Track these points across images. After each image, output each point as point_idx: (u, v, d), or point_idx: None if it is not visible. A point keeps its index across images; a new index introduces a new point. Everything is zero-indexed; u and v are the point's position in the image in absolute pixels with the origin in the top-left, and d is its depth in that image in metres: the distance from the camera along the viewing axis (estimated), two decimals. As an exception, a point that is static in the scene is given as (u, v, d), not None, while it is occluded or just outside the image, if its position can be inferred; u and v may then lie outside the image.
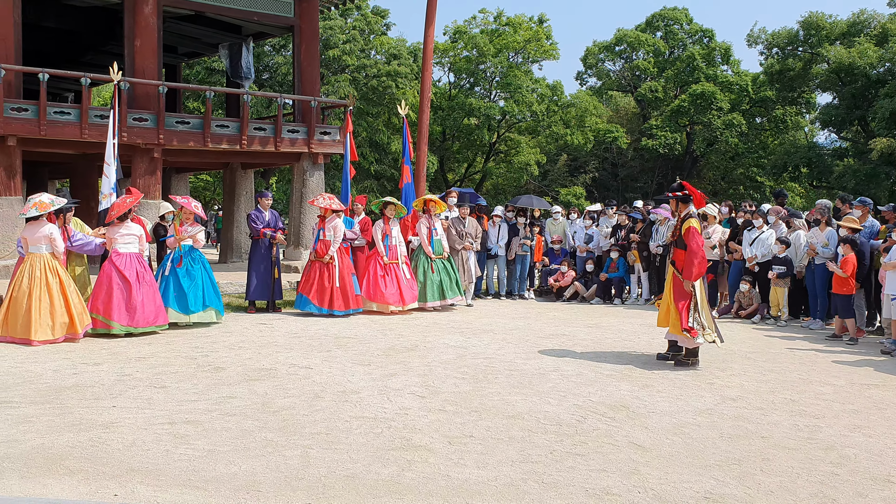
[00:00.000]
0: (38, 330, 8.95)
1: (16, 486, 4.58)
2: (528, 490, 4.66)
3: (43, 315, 9.00)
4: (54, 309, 9.08)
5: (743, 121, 38.15)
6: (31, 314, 8.96)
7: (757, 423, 6.16)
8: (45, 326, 9.00)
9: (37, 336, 8.93)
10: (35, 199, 9.36)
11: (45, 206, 9.27)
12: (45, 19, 18.13)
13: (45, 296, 9.08)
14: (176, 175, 21.28)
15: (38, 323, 8.96)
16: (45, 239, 9.27)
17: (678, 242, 8.40)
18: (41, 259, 9.24)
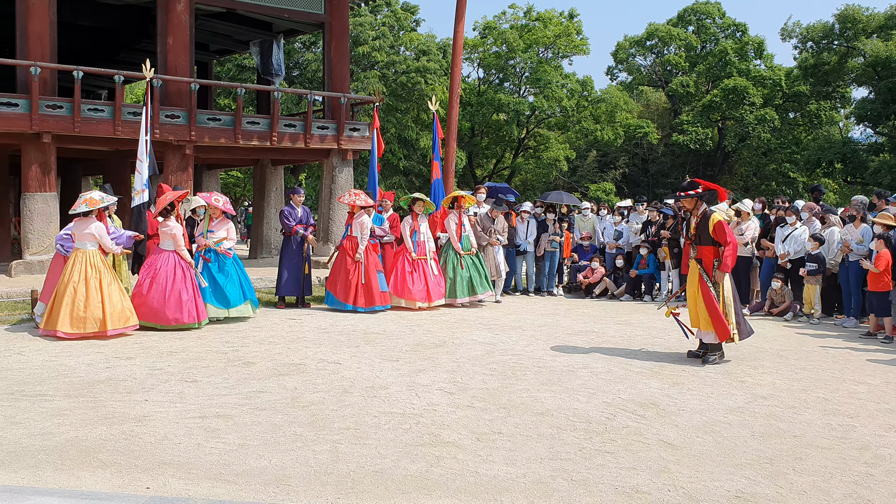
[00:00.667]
0: (66, 322, 9.04)
1: (50, 478, 4.66)
2: (557, 487, 4.65)
3: (76, 308, 9.10)
4: (88, 304, 9.16)
5: (776, 116, 37.64)
6: (62, 307, 9.08)
7: (789, 422, 6.09)
8: (77, 319, 9.09)
9: (62, 328, 9.03)
10: (86, 196, 9.54)
11: (94, 202, 9.42)
12: (79, 18, 18.37)
13: (81, 289, 9.19)
14: (207, 171, 21.47)
15: (65, 316, 9.05)
16: (91, 236, 9.42)
17: (702, 239, 8.27)
18: (86, 255, 9.39)
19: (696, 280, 8.34)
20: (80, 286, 9.19)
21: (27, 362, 7.80)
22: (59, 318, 9.06)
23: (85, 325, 9.08)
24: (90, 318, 9.13)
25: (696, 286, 8.33)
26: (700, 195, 8.35)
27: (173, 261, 9.99)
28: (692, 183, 8.44)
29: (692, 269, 8.42)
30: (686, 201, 8.45)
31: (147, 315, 9.76)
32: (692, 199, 8.39)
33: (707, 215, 8.29)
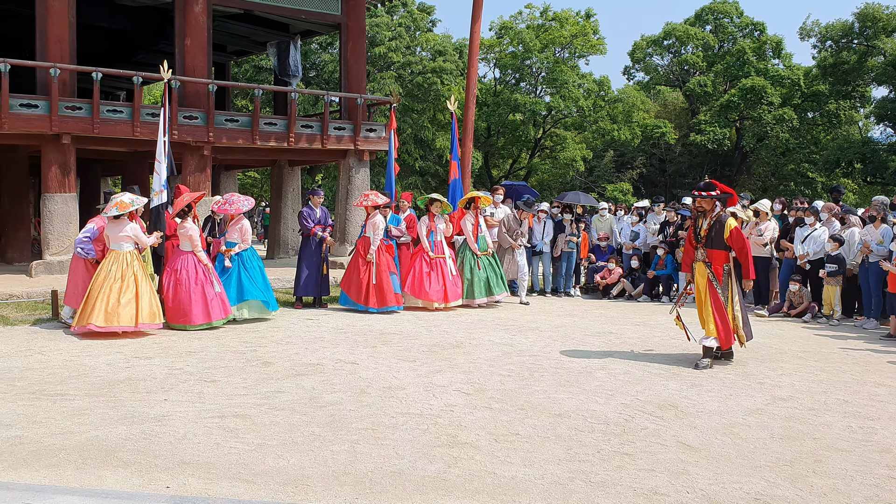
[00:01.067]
0: (100, 317, 9.20)
1: (72, 477, 4.70)
2: (575, 489, 4.64)
3: (111, 303, 9.28)
4: (121, 300, 9.35)
5: (794, 115, 37.38)
6: (96, 302, 9.25)
7: (809, 424, 6.05)
8: (110, 314, 9.25)
9: (96, 321, 9.17)
10: (116, 198, 9.72)
11: (125, 206, 9.60)
12: (98, 19, 18.51)
13: (115, 286, 9.38)
14: (225, 172, 21.57)
15: (99, 311, 9.21)
16: (127, 237, 9.62)
17: (714, 243, 8.12)
18: (122, 255, 9.57)
19: (705, 283, 8.19)
20: (115, 284, 9.37)
21: (48, 362, 7.87)
22: (92, 313, 9.21)
23: (118, 320, 9.25)
24: (123, 314, 9.28)
25: (704, 289, 8.19)
26: (718, 197, 8.24)
27: (193, 261, 10.09)
28: (710, 184, 8.29)
29: (699, 271, 8.26)
30: (705, 202, 8.30)
31: (176, 317, 9.92)
32: (710, 201, 8.27)
33: (722, 219, 8.15)
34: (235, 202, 10.69)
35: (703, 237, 8.20)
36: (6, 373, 7.33)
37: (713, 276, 8.11)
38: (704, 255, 8.21)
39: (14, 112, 13.91)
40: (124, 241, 9.60)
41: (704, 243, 8.19)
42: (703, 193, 8.22)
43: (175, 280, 9.98)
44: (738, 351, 9.06)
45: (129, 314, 9.30)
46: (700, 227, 8.28)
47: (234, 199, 10.79)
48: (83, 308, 9.40)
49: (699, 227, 8.29)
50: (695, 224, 8.40)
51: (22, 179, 17.93)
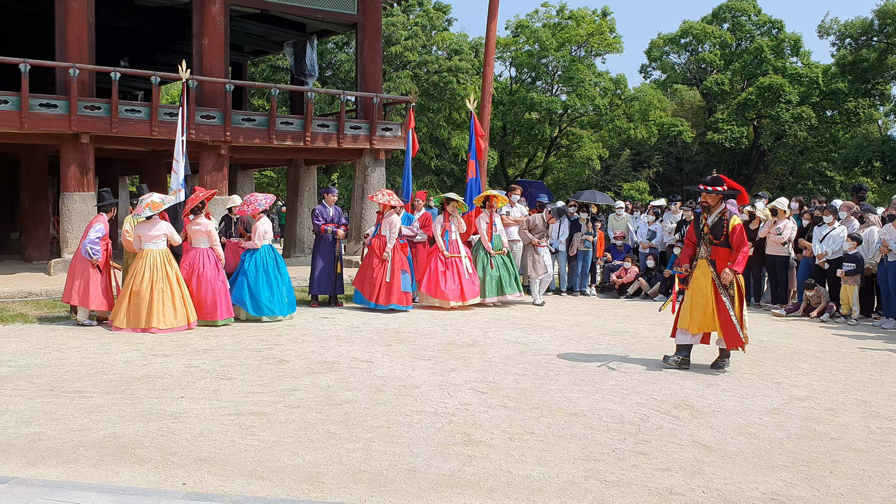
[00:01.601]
0: (161, 319, 9.56)
1: (89, 473, 4.74)
2: (590, 488, 4.63)
3: (166, 305, 9.61)
4: (175, 299, 9.68)
5: (813, 114, 37.10)
6: (153, 305, 9.54)
7: (826, 424, 6.01)
8: (169, 315, 9.62)
9: (159, 325, 9.53)
10: (146, 199, 9.96)
11: (157, 205, 9.88)
12: (116, 19, 18.65)
13: (166, 287, 9.68)
14: (241, 171, 21.68)
15: (160, 313, 9.55)
16: (163, 236, 9.88)
17: (719, 240, 7.79)
18: (159, 254, 9.82)
19: (709, 283, 7.80)
20: (165, 285, 9.66)
21: (66, 359, 7.94)
22: (151, 315, 9.52)
23: (177, 319, 9.65)
24: (179, 314, 9.68)
25: (709, 289, 7.80)
26: (725, 193, 7.84)
27: (213, 258, 10.21)
28: (717, 178, 7.88)
29: (703, 269, 7.88)
30: (710, 197, 7.87)
31: (202, 313, 10.08)
32: (716, 196, 7.87)
33: (728, 216, 7.83)
34: (253, 202, 10.76)
35: (707, 233, 7.88)
36: (25, 370, 7.41)
37: (717, 277, 7.79)
38: (709, 252, 7.88)
39: (34, 112, 14.04)
40: (159, 239, 9.86)
41: (710, 240, 7.86)
42: (708, 188, 7.87)
43: (198, 277, 10.08)
44: (755, 351, 9.02)
45: (171, 314, 9.65)
46: (703, 222, 7.96)
47: (252, 198, 10.86)
48: (126, 310, 9.58)
49: (702, 223, 7.97)
50: (697, 220, 8.10)
51: (41, 178, 18.10)
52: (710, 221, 7.90)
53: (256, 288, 10.53)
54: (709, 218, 7.93)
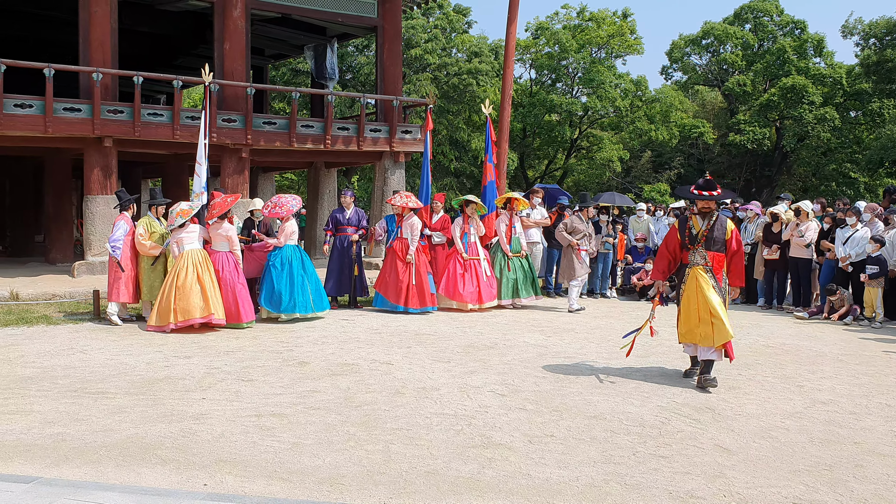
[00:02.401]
0: (218, 309, 9.90)
1: (112, 474, 4.78)
2: (611, 491, 4.61)
3: (218, 297, 9.96)
4: (206, 297, 9.90)
5: (836, 115, 36.74)
6: (207, 297, 9.85)
7: (849, 428, 5.94)
8: (221, 308, 9.95)
9: (217, 314, 9.87)
10: (176, 209, 10.28)
11: (186, 212, 10.21)
12: (139, 24, 18.82)
13: (211, 282, 9.99)
14: (262, 174, 21.80)
15: (215, 303, 9.87)
16: (199, 237, 10.24)
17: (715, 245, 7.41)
18: (199, 253, 10.15)
19: (708, 288, 7.36)
20: (211, 280, 9.97)
21: (89, 361, 8.02)
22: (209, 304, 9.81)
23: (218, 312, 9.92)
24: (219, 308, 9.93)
25: (702, 295, 7.34)
26: (718, 198, 7.48)
27: (232, 261, 10.29)
28: (711, 182, 7.49)
29: (697, 276, 7.41)
30: (711, 202, 7.50)
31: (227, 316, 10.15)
32: (714, 202, 7.52)
33: (722, 219, 7.50)
34: (284, 204, 10.91)
35: (703, 239, 7.43)
36: (49, 371, 7.49)
37: (715, 281, 7.38)
38: (705, 257, 7.45)
39: (58, 116, 14.20)
40: (195, 240, 10.18)
41: (704, 245, 7.42)
42: (702, 193, 7.47)
43: (219, 280, 10.17)
44: (777, 354, 8.95)
45: (221, 308, 9.95)
46: (696, 228, 7.50)
47: (282, 200, 10.96)
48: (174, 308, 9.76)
49: (697, 229, 7.49)
50: (682, 226, 7.62)
51: (65, 181, 18.30)
52: (706, 226, 7.46)
53: (278, 286, 10.63)
54: (703, 223, 7.48)
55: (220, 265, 10.26)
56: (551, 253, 14.56)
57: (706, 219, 7.50)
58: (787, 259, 12.87)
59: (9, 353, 8.35)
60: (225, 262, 10.29)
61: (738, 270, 7.55)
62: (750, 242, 13.47)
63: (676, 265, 7.75)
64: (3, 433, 5.51)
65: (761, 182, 39.76)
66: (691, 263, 7.51)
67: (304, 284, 10.77)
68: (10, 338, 9.28)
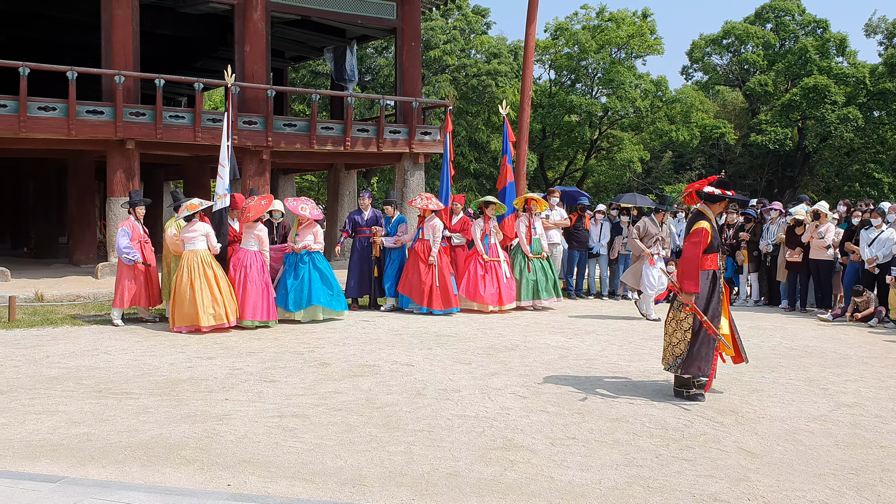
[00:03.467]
0: (205, 317, 9.77)
1: (136, 474, 4.82)
2: (633, 494, 4.59)
3: (207, 304, 9.82)
4: (215, 299, 9.89)
5: (859, 114, 36.37)
6: (196, 303, 9.76)
7: (875, 432, 5.88)
8: (210, 315, 9.82)
9: (205, 322, 9.76)
10: (186, 202, 10.34)
11: (194, 206, 10.20)
12: (160, 27, 18.99)
13: (205, 287, 9.89)
14: (283, 176, 21.92)
15: (204, 311, 9.77)
16: (202, 237, 10.15)
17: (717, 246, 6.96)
18: (198, 254, 10.06)
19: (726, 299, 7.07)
20: (204, 285, 9.88)
21: (113, 361, 8.09)
22: (197, 314, 9.75)
23: (217, 318, 9.86)
24: (218, 313, 9.87)
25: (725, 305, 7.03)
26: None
27: (260, 259, 10.43)
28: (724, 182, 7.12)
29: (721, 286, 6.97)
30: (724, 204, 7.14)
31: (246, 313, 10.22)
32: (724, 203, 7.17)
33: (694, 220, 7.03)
34: (311, 208, 11.05)
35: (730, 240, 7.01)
36: (74, 372, 7.56)
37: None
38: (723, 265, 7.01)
39: (81, 118, 14.35)
40: (197, 240, 10.11)
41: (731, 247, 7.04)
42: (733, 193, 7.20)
43: (245, 276, 10.25)
44: (801, 356, 8.88)
45: (211, 314, 9.84)
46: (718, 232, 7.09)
47: (307, 204, 11.13)
48: (179, 308, 9.85)
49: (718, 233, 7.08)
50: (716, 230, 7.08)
51: (88, 184, 18.48)
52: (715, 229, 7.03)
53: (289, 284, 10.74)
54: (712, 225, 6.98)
55: (248, 262, 10.33)
56: (571, 254, 14.52)
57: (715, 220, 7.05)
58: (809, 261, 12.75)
59: (34, 353, 8.44)
60: (253, 261, 10.36)
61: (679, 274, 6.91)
62: (772, 243, 13.37)
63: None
64: (29, 433, 5.57)
65: (783, 183, 39.44)
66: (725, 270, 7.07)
67: (315, 282, 10.81)
68: (36, 339, 9.38)
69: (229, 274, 10.39)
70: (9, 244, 22.73)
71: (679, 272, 6.89)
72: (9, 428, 5.68)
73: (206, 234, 10.18)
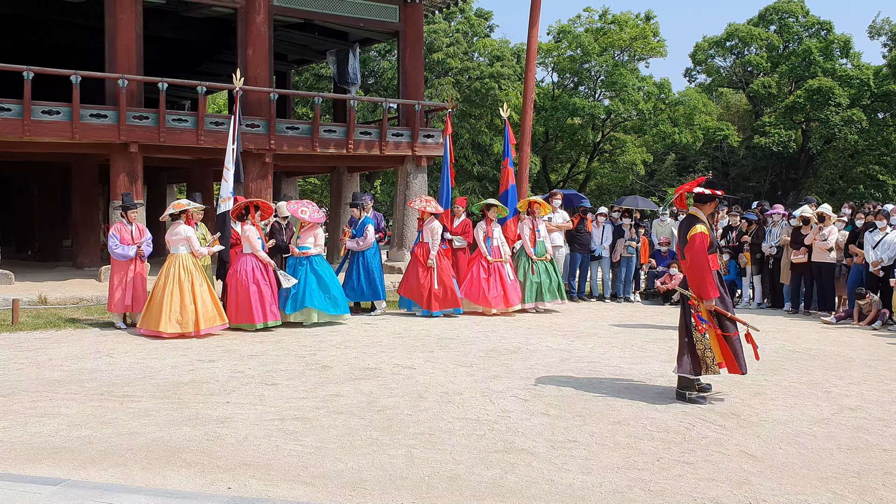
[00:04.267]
0: (168, 323, 9.61)
1: (137, 476, 4.82)
2: (634, 498, 4.58)
3: (173, 310, 9.66)
4: (184, 306, 9.72)
5: (864, 116, 36.30)
6: (161, 308, 9.66)
7: (878, 435, 5.86)
8: (174, 321, 9.65)
9: (165, 329, 9.60)
10: (175, 202, 10.28)
11: (180, 205, 10.16)
12: (163, 31, 19.03)
13: (176, 292, 9.75)
14: (286, 179, 21.93)
15: (167, 317, 9.63)
16: (183, 240, 10.03)
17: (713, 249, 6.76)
18: (178, 259, 9.98)
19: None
20: (174, 289, 9.75)
21: (115, 364, 8.10)
22: (160, 319, 9.62)
23: (183, 325, 9.67)
24: (186, 319, 9.68)
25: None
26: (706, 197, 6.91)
27: (252, 263, 10.43)
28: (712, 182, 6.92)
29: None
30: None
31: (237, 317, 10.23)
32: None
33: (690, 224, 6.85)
34: (311, 211, 11.04)
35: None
36: (76, 374, 7.57)
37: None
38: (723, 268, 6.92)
39: (84, 122, 14.38)
40: (180, 243, 10.01)
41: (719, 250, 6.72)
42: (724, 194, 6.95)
43: (235, 281, 10.28)
44: (804, 359, 8.86)
45: (192, 319, 9.69)
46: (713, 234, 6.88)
47: (308, 207, 11.11)
48: (148, 311, 9.81)
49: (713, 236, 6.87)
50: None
51: (92, 187, 18.52)
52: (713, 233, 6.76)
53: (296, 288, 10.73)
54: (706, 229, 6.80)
55: (239, 266, 10.33)
56: (573, 257, 14.51)
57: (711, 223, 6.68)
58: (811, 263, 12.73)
59: (37, 356, 8.45)
60: (245, 264, 10.34)
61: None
62: (775, 245, 13.35)
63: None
64: (31, 435, 5.57)
65: (787, 185, 39.37)
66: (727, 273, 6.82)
67: (311, 284, 10.80)
68: (39, 341, 9.40)
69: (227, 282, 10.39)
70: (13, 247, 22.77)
71: (695, 282, 6.74)
72: (10, 430, 5.69)
73: (186, 238, 10.03)
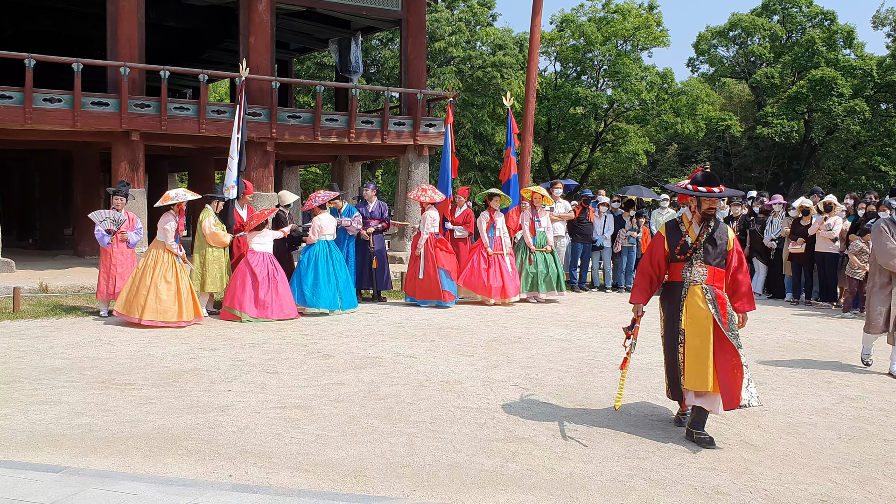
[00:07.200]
0: (147, 311, 9.53)
1: (139, 464, 4.83)
2: (635, 486, 4.59)
3: (151, 298, 9.57)
4: (159, 297, 9.61)
5: (866, 107, 36.18)
6: (140, 295, 9.59)
7: (879, 425, 5.86)
8: (153, 310, 9.56)
9: (144, 316, 9.52)
10: (165, 194, 10.17)
11: (167, 198, 10.02)
12: (165, 19, 18.98)
13: (161, 282, 9.67)
14: (287, 168, 21.90)
15: (147, 304, 9.54)
16: (164, 230, 9.93)
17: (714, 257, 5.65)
18: (161, 246, 9.89)
19: (708, 320, 5.54)
20: (160, 279, 9.66)
21: (117, 352, 8.10)
22: (145, 308, 9.52)
23: (165, 315, 9.58)
24: (168, 310, 9.60)
25: (708, 329, 5.52)
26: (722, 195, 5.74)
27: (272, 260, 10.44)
28: (714, 176, 5.73)
29: (699, 298, 5.60)
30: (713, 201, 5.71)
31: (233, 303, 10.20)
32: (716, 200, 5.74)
33: (723, 225, 5.78)
34: (311, 196, 11.03)
35: (700, 250, 5.67)
36: (77, 362, 7.58)
37: (717, 312, 5.55)
38: (704, 274, 5.64)
39: (86, 110, 14.35)
40: (170, 236, 9.90)
41: (703, 257, 5.65)
42: (714, 190, 5.65)
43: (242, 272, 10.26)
44: (805, 349, 8.85)
45: (154, 309, 9.56)
46: (692, 235, 5.70)
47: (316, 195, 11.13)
48: (128, 297, 9.71)
49: (692, 237, 5.70)
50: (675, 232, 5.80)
51: (93, 175, 18.50)
52: (703, 234, 5.66)
53: (304, 281, 10.73)
54: (699, 227, 5.71)
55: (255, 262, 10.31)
56: (575, 247, 14.49)
57: (703, 223, 5.69)
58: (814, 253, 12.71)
59: (38, 344, 8.46)
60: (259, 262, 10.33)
61: (743, 291, 5.74)
62: (776, 237, 13.33)
63: (660, 284, 5.98)
64: (32, 423, 5.59)
65: (789, 176, 39.30)
66: (687, 281, 5.68)
67: (331, 281, 10.82)
68: (40, 329, 9.41)
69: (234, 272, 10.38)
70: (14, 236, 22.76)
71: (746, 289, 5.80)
72: (11, 418, 5.70)
73: (163, 230, 9.86)
